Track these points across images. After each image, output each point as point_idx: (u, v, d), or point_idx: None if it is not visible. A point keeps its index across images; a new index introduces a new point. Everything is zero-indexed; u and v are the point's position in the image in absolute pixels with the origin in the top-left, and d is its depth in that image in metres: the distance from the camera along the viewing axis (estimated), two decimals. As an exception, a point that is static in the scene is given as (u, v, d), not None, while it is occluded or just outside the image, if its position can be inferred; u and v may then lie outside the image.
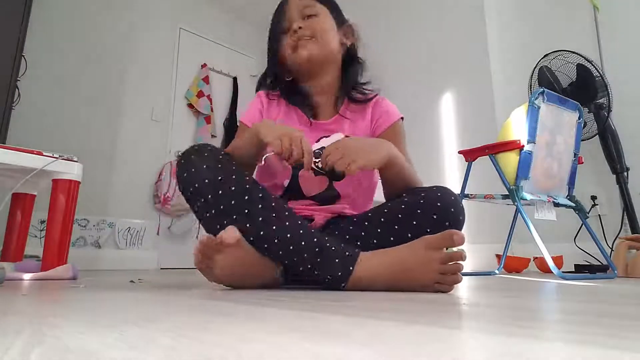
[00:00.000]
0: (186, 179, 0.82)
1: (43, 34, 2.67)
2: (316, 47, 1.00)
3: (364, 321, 0.39)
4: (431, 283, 0.73)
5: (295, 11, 1.02)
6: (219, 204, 0.79)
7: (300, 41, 1.00)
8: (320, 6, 1.04)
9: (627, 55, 2.21)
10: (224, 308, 0.51)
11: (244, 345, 0.28)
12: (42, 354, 0.26)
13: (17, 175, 1.32)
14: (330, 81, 1.06)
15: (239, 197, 0.79)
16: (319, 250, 0.76)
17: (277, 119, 1.06)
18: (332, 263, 0.75)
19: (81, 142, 2.74)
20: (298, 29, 1.00)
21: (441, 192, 0.87)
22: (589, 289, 0.90)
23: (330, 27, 1.04)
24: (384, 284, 0.75)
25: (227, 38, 3.81)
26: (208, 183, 0.80)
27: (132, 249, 2.94)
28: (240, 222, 0.78)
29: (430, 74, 2.85)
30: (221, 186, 0.79)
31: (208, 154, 0.83)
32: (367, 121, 1.06)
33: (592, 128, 2.05)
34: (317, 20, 1.02)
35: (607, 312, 0.50)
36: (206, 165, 0.81)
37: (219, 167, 0.81)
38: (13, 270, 1.22)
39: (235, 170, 0.82)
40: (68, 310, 0.51)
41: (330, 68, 1.06)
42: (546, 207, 1.53)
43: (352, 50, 1.10)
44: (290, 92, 1.08)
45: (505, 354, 0.25)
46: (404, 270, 0.74)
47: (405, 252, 0.75)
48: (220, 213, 0.80)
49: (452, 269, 0.73)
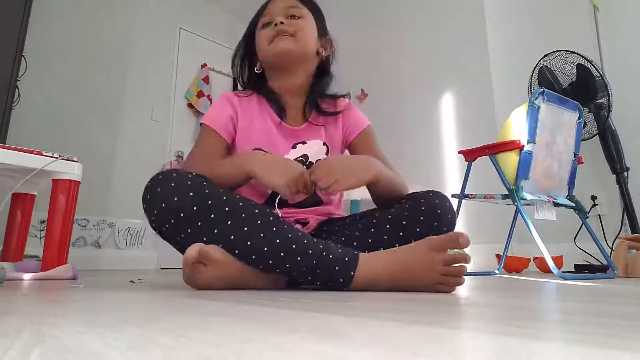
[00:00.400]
0: (154, 201, 0.77)
1: (43, 34, 2.66)
2: (294, 44, 0.99)
3: (364, 321, 0.39)
4: (433, 284, 0.74)
5: (280, 8, 1.02)
6: (197, 220, 0.75)
7: (280, 35, 0.99)
8: (306, 10, 1.04)
9: (627, 55, 2.21)
10: (224, 308, 0.51)
11: (244, 345, 0.28)
12: (42, 354, 0.26)
13: (17, 175, 1.32)
14: (300, 84, 1.05)
15: (219, 210, 0.76)
16: (316, 260, 0.74)
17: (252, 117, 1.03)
18: (332, 272, 0.74)
19: (81, 142, 2.74)
20: (280, 23, 0.99)
21: (438, 199, 0.89)
22: (589, 289, 0.90)
23: (312, 31, 1.03)
24: (386, 284, 0.75)
25: (227, 38, 3.80)
26: (178, 201, 0.75)
27: (132, 249, 2.94)
28: (222, 235, 0.75)
29: (430, 74, 2.85)
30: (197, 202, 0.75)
31: (176, 178, 0.78)
32: (340, 130, 1.07)
33: (592, 128, 2.05)
34: (300, 21, 1.01)
35: (607, 312, 0.50)
36: (175, 186, 0.76)
37: (189, 184, 0.77)
38: (13, 270, 1.22)
39: (207, 186, 0.79)
40: (68, 310, 0.51)
41: (302, 70, 1.04)
42: (546, 207, 1.53)
43: (325, 63, 1.09)
44: (261, 87, 1.06)
45: (505, 354, 0.25)
46: (406, 271, 0.74)
47: (407, 253, 0.75)
48: (200, 228, 0.75)
49: (455, 270, 0.73)
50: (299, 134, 1.03)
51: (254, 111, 1.03)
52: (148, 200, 0.78)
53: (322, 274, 0.74)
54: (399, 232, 0.87)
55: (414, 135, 2.84)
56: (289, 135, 1.02)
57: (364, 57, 3.16)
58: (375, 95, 3.11)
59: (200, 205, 0.75)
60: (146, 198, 0.78)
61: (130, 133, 3.05)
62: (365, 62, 3.16)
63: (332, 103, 1.07)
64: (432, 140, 2.75)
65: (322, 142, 1.04)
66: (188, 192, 0.76)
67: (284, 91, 1.04)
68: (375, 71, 3.16)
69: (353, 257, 0.75)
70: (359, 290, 0.75)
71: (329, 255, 0.74)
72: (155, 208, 0.77)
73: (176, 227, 0.76)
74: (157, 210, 0.76)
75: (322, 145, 1.04)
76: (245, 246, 0.74)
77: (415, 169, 2.54)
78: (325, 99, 1.06)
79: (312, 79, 1.07)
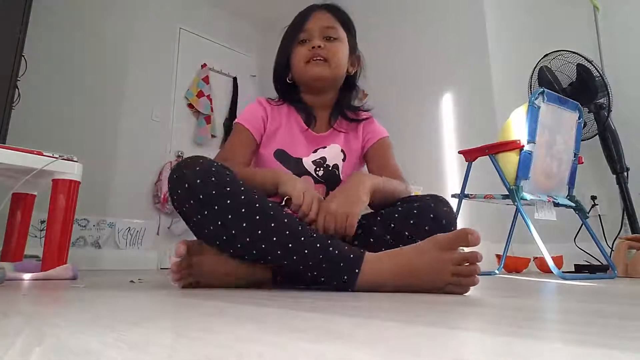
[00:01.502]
0: (179, 181, 0.81)
1: (43, 34, 2.66)
2: (328, 70, 1.04)
3: (365, 321, 0.39)
4: (444, 285, 0.71)
5: (317, 27, 1.04)
6: (214, 204, 0.78)
7: (316, 59, 1.03)
8: (342, 31, 1.07)
9: (627, 55, 2.21)
10: (224, 308, 0.51)
11: (244, 345, 0.28)
12: (42, 354, 0.26)
13: (17, 175, 1.32)
14: (329, 99, 1.11)
15: (235, 198, 0.78)
16: (322, 254, 0.75)
17: (279, 125, 1.09)
18: (337, 267, 0.74)
19: (81, 142, 2.74)
20: (317, 47, 1.02)
21: (437, 202, 0.90)
22: (589, 289, 0.90)
23: (345, 55, 1.07)
24: (392, 285, 0.74)
25: (227, 38, 3.81)
26: (200, 183, 0.79)
27: (132, 249, 2.94)
28: (235, 221, 0.78)
29: (430, 74, 2.85)
30: (217, 188, 0.79)
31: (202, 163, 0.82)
32: (359, 139, 1.12)
33: (592, 128, 2.05)
34: (336, 45, 1.05)
35: (607, 312, 0.50)
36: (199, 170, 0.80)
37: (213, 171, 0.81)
38: (13, 270, 1.22)
39: (229, 175, 0.82)
40: (68, 310, 0.51)
41: (332, 90, 1.10)
42: (546, 207, 1.53)
43: (353, 77, 1.14)
44: (293, 97, 1.11)
45: (505, 354, 0.25)
46: (412, 271, 0.72)
47: (413, 253, 0.73)
48: (215, 212, 0.78)
49: (467, 270, 0.70)
50: (322, 140, 1.09)
51: (282, 118, 1.09)
52: (174, 179, 0.82)
53: (327, 268, 0.75)
54: (404, 231, 0.87)
55: (414, 135, 2.83)
56: (312, 141, 1.08)
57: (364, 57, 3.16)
58: (375, 95, 3.11)
59: (218, 191, 0.78)
60: (172, 178, 0.83)
61: (130, 133, 3.05)
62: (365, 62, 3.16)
63: (355, 113, 1.13)
64: (432, 140, 2.75)
65: (340, 148, 1.09)
66: (210, 177, 0.79)
67: (314, 105, 1.10)
68: (375, 71, 3.16)
69: (359, 254, 0.75)
70: (364, 291, 0.74)
71: (335, 251, 0.75)
72: (179, 188, 0.81)
73: (195, 208, 0.80)
74: (181, 190, 0.81)
75: (339, 149, 1.09)
76: (256, 234, 0.77)
77: (415, 169, 2.54)
78: (350, 109, 1.13)
79: (339, 92, 1.12)
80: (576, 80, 2.06)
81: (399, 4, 3.12)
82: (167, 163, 3.15)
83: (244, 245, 0.78)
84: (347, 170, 1.08)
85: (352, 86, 1.15)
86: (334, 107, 1.12)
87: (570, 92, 2.05)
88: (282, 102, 1.12)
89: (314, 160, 1.06)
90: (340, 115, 1.11)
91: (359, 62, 1.15)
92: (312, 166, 1.05)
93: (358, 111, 1.14)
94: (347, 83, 1.13)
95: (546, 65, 2.12)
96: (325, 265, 0.75)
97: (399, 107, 2.96)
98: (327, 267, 0.74)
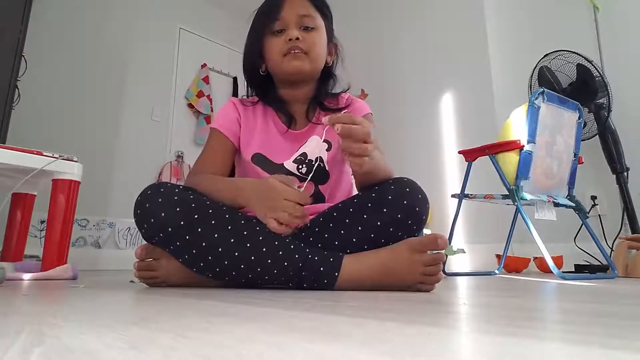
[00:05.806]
0: (143, 215, 0.83)
1: (43, 34, 2.66)
2: (307, 63, 0.98)
3: (364, 321, 0.39)
4: (415, 284, 0.77)
5: (293, 16, 0.98)
6: (185, 234, 0.80)
7: (294, 52, 0.97)
8: (319, 19, 1.01)
9: (627, 55, 2.21)
10: (224, 308, 0.51)
11: (244, 345, 0.28)
12: (42, 354, 0.26)
13: (17, 175, 1.32)
14: (306, 92, 1.05)
15: (206, 224, 0.79)
16: (302, 263, 0.77)
17: (254, 127, 1.04)
18: (317, 273, 0.77)
19: (81, 142, 2.73)
20: (295, 39, 0.96)
21: (409, 188, 0.85)
22: (589, 289, 0.90)
23: (324, 46, 1.02)
24: (368, 284, 0.78)
25: (227, 38, 3.80)
26: (165, 216, 0.81)
27: (132, 249, 2.94)
28: (210, 248, 0.79)
29: (430, 74, 2.85)
30: (184, 217, 0.81)
31: (164, 193, 0.84)
32: None
33: (592, 128, 2.05)
34: (314, 35, 0.99)
35: (607, 312, 0.50)
36: (162, 202, 0.82)
37: (175, 200, 0.83)
38: (13, 270, 1.22)
39: (194, 199, 0.83)
40: (68, 310, 0.51)
41: (310, 82, 1.05)
42: (546, 207, 1.53)
43: (330, 67, 1.08)
44: (267, 96, 1.06)
45: (505, 354, 0.25)
46: (387, 272, 0.77)
47: (389, 255, 0.78)
48: (188, 242, 0.80)
49: (433, 270, 0.77)
50: (302, 137, 1.04)
51: (257, 120, 1.04)
52: (138, 214, 0.84)
53: (308, 276, 0.77)
54: (376, 222, 0.83)
55: (414, 135, 2.84)
56: (293, 140, 1.03)
57: (364, 57, 3.16)
58: (375, 95, 3.11)
59: (186, 220, 0.80)
60: (137, 212, 0.84)
61: (130, 133, 3.05)
62: (365, 62, 3.16)
63: (334, 100, 1.08)
64: (432, 140, 2.75)
65: (322, 139, 1.01)
66: (175, 208, 0.80)
67: (292, 99, 1.05)
68: (375, 71, 3.16)
69: (337, 258, 0.78)
70: (343, 289, 0.77)
71: (315, 258, 0.78)
72: (145, 222, 0.82)
73: (165, 239, 0.82)
74: (147, 224, 0.82)
75: (320, 141, 1.02)
76: (233, 257, 0.78)
77: (415, 169, 2.54)
78: (327, 98, 1.07)
79: (317, 83, 1.07)
80: (576, 80, 2.06)
81: (399, 4, 3.12)
82: (167, 163, 3.15)
83: (222, 269, 0.79)
84: (335, 159, 1.02)
85: (330, 76, 1.08)
86: (311, 99, 1.06)
87: (570, 92, 2.05)
88: (257, 101, 1.06)
89: (295, 159, 1.01)
90: (318, 107, 1.05)
91: (336, 50, 1.08)
92: (293, 165, 1.00)
93: (337, 97, 1.08)
94: (325, 73, 1.06)
95: (546, 65, 2.12)
96: (306, 273, 0.77)
97: (399, 107, 2.96)
98: (308, 274, 0.77)
